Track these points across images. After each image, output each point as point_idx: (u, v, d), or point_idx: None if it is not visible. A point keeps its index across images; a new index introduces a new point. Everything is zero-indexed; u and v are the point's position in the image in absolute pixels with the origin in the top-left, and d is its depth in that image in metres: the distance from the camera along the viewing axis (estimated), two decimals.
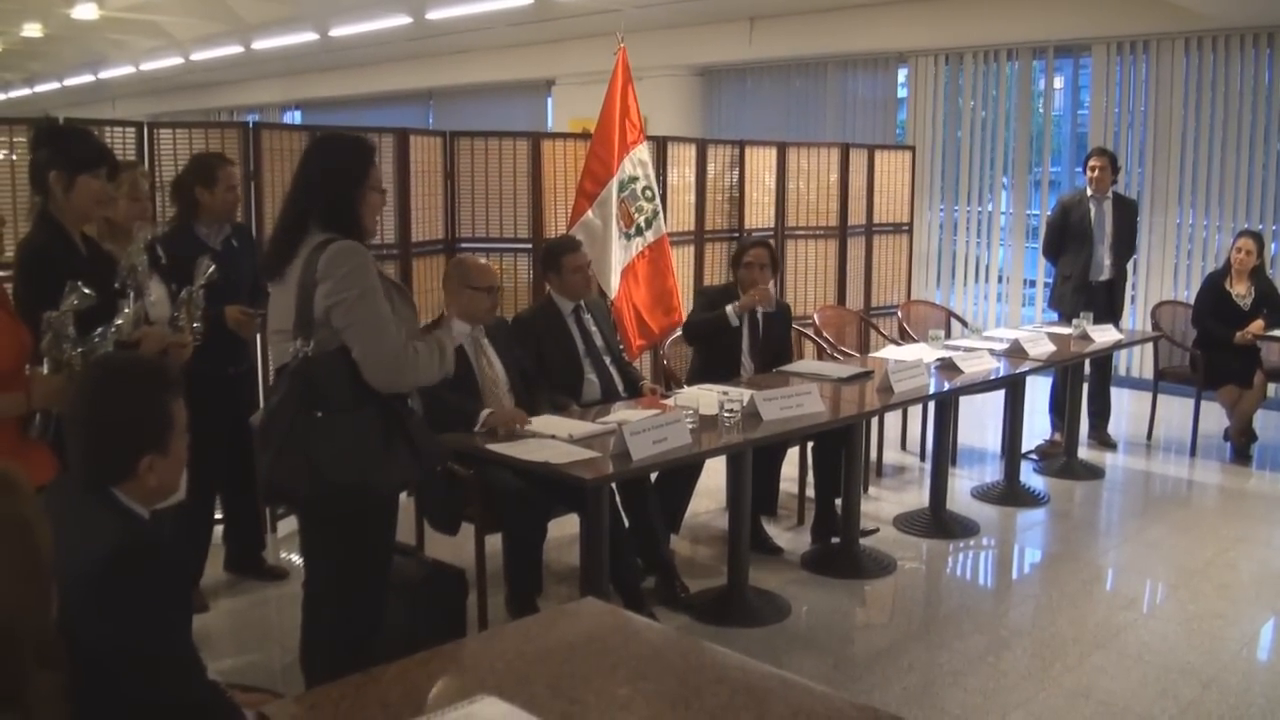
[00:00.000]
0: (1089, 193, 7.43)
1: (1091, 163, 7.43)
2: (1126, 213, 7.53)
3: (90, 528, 2.11)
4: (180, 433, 2.30)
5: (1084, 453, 7.17)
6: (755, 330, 5.86)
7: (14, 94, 22.12)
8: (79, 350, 3.17)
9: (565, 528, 4.91)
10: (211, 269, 3.97)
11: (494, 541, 4.43)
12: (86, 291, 3.17)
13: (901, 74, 11.10)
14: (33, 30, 13.37)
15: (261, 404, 4.79)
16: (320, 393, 3.12)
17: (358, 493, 3.16)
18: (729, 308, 5.66)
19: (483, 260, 4.96)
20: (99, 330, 3.25)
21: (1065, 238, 7.46)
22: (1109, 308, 7.39)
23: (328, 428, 3.11)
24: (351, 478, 3.12)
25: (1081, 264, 7.40)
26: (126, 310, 3.44)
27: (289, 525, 5.56)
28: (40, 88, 20.88)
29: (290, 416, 3.12)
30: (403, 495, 6.06)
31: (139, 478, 2.21)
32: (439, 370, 3.33)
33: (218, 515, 5.03)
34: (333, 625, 3.37)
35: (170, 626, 2.13)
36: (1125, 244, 7.54)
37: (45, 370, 3.13)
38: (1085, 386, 7.30)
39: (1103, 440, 7.59)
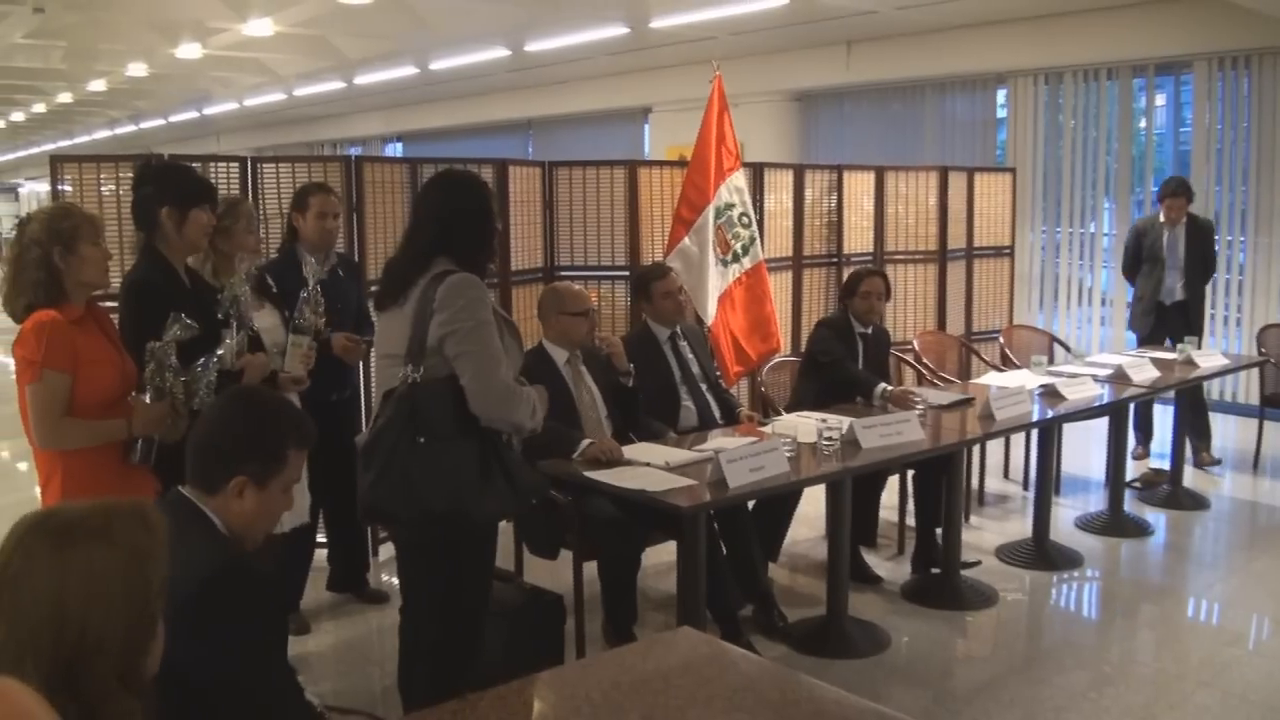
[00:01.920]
0: (1161, 219, 7.48)
1: (1169, 202, 7.44)
2: (1200, 235, 7.50)
3: (186, 552, 2.16)
4: (286, 482, 2.36)
5: (1193, 476, 6.99)
6: (868, 354, 5.88)
7: (120, 130, 22.70)
8: (181, 379, 3.28)
9: (662, 555, 4.91)
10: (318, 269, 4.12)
11: (592, 568, 4.45)
12: (189, 323, 3.29)
13: (1000, 95, 10.96)
14: (138, 70, 13.79)
15: (364, 428, 4.88)
16: (425, 419, 3.19)
17: (453, 519, 3.22)
18: (880, 391, 5.55)
19: (577, 286, 5.00)
20: (201, 360, 3.36)
21: (1139, 260, 7.58)
22: (1185, 328, 7.36)
23: (429, 453, 3.18)
24: (448, 504, 3.18)
25: (1152, 286, 7.53)
26: (229, 340, 3.55)
27: (391, 549, 5.63)
28: (146, 124, 21.39)
29: (394, 440, 3.19)
30: (501, 521, 6.11)
31: (225, 495, 2.27)
32: (534, 419, 3.37)
33: (320, 537, 5.12)
34: (431, 650, 3.41)
35: (264, 650, 2.18)
36: (1199, 266, 7.53)
37: (147, 398, 3.25)
38: (1174, 410, 7.16)
39: (1206, 462, 7.46)
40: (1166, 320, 7.47)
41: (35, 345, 3.09)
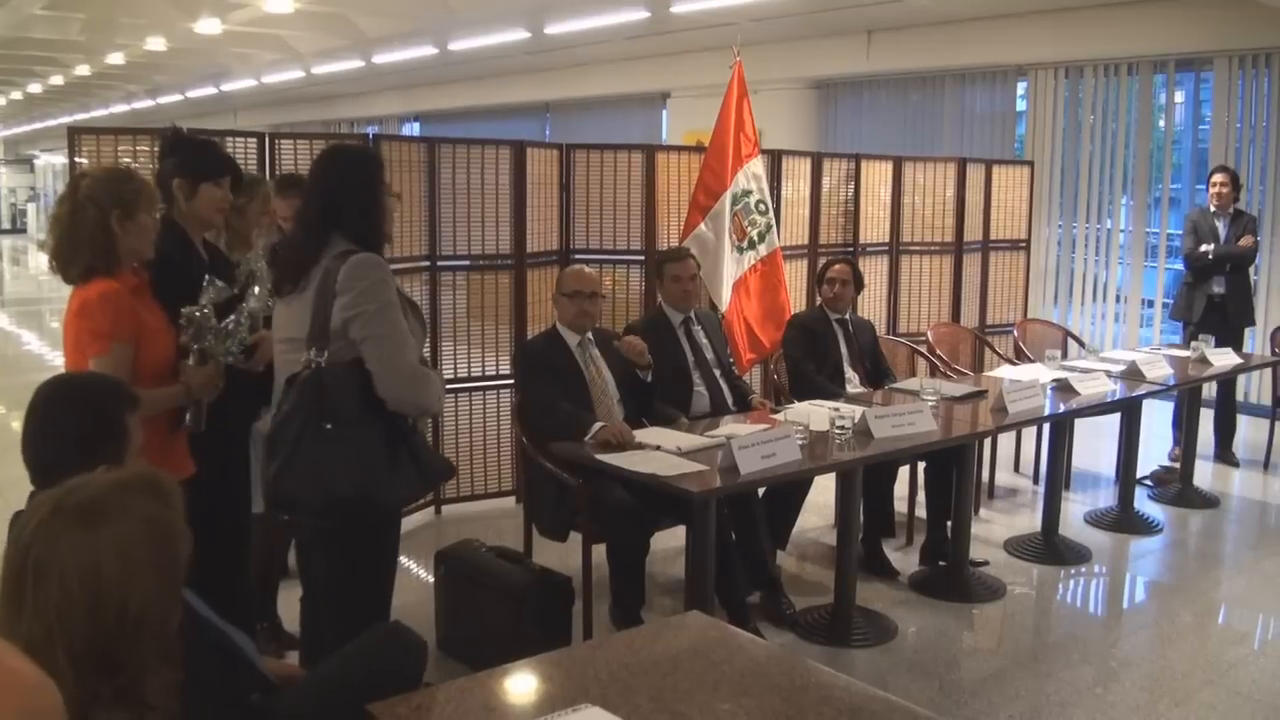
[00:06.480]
0: (1211, 208, 7.40)
1: (1215, 178, 7.40)
2: (1240, 228, 7.42)
3: None
4: (136, 449, 2.35)
5: (1205, 475, 6.98)
6: (851, 341, 5.90)
7: (137, 105, 22.64)
8: (221, 342, 3.29)
9: (670, 540, 4.92)
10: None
11: (600, 551, 4.46)
12: (221, 284, 3.29)
13: (1020, 88, 10.93)
14: (156, 44, 13.76)
15: None
16: (331, 404, 3.08)
17: (362, 505, 3.12)
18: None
19: (587, 269, 5.01)
20: (230, 317, 3.36)
21: (1199, 245, 7.43)
22: (1223, 320, 7.34)
23: (336, 439, 3.07)
24: (357, 490, 3.08)
25: (1206, 275, 7.42)
26: (252, 298, 3.55)
27: None
28: (163, 99, 21.31)
29: (300, 427, 3.09)
30: (512, 502, 6.14)
31: None
32: (438, 402, 3.35)
33: None
34: (337, 634, 3.35)
35: None
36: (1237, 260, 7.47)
37: (191, 363, 3.25)
38: (1212, 406, 7.15)
39: (1227, 459, 7.47)
40: (1212, 310, 7.39)
41: (103, 317, 3.07)
